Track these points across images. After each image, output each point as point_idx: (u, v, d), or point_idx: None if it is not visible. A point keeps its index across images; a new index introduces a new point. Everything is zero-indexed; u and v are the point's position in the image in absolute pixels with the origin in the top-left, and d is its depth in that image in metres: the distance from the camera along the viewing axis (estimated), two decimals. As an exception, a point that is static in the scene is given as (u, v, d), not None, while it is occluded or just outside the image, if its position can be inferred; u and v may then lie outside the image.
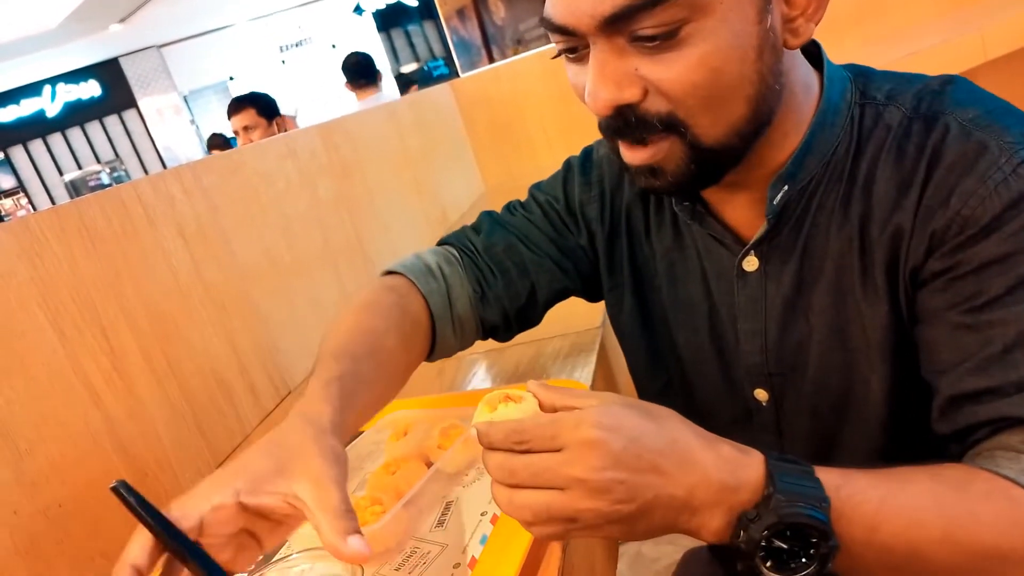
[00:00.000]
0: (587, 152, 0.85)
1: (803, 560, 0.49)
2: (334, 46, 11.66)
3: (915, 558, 0.51)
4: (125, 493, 0.50)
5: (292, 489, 0.51)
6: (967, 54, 2.02)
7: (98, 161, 10.94)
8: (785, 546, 0.49)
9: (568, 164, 0.86)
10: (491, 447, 0.51)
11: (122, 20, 9.27)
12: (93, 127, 11.21)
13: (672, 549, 0.99)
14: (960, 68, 2.01)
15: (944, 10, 2.54)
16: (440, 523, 0.69)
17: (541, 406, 0.55)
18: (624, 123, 0.59)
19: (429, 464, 0.74)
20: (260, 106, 2.93)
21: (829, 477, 0.50)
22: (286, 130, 2.91)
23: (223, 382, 1.05)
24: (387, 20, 9.30)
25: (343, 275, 1.44)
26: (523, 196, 0.89)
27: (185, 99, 11.90)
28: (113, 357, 0.87)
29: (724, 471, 0.50)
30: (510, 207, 0.87)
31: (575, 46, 0.60)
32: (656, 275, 0.79)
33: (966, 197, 0.56)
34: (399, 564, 0.65)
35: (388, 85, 10.16)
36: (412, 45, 9.58)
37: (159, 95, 11.41)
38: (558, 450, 0.49)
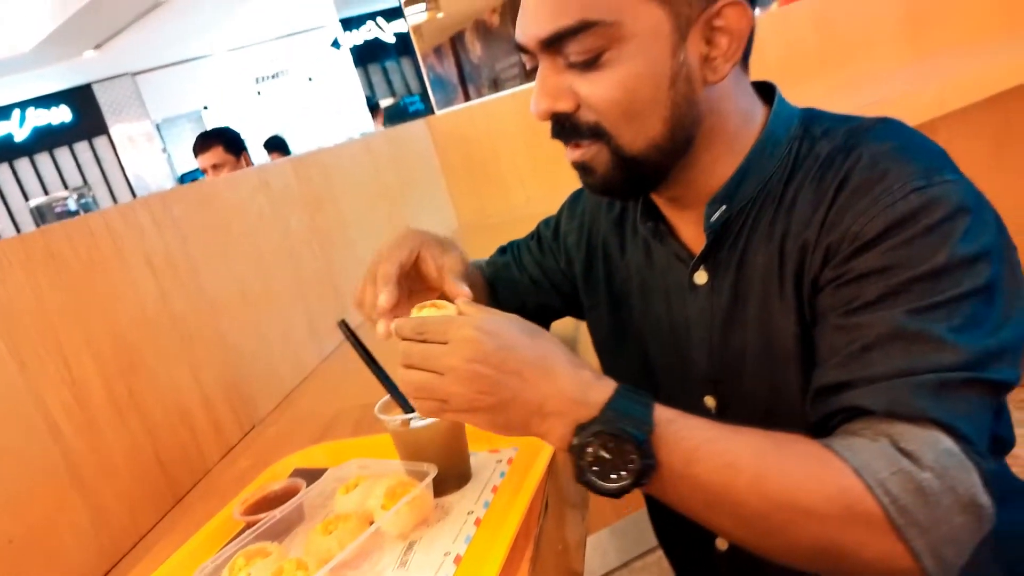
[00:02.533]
0: (579, 191, 0.97)
1: (623, 473, 0.57)
2: (311, 79, 11.72)
3: (726, 498, 0.57)
4: (346, 329, 0.78)
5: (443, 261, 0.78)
6: (926, 105, 2.10)
7: (66, 188, 10.80)
8: (608, 456, 0.57)
9: (566, 201, 1.00)
10: (399, 336, 0.64)
11: (97, 47, 9.23)
12: (62, 153, 11.08)
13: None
14: (919, 119, 2.08)
15: (906, 62, 2.64)
16: (402, 563, 0.68)
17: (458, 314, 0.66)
18: (560, 128, 0.71)
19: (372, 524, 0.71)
20: (227, 142, 2.88)
21: (665, 412, 0.59)
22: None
23: (186, 415, 1.04)
24: (364, 55, 9.38)
25: (312, 308, 1.44)
26: (496, 232, 1.07)
27: (158, 127, 11.83)
28: (75, 388, 0.85)
29: (577, 389, 0.60)
30: (526, 236, 1.06)
31: (535, 65, 0.70)
32: (631, 294, 0.87)
33: (858, 215, 0.62)
34: (361, 605, 0.64)
35: (366, 120, 10.21)
36: (389, 80, 9.67)
37: (131, 122, 11.34)
38: (445, 343, 0.61)
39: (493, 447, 0.86)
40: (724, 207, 0.72)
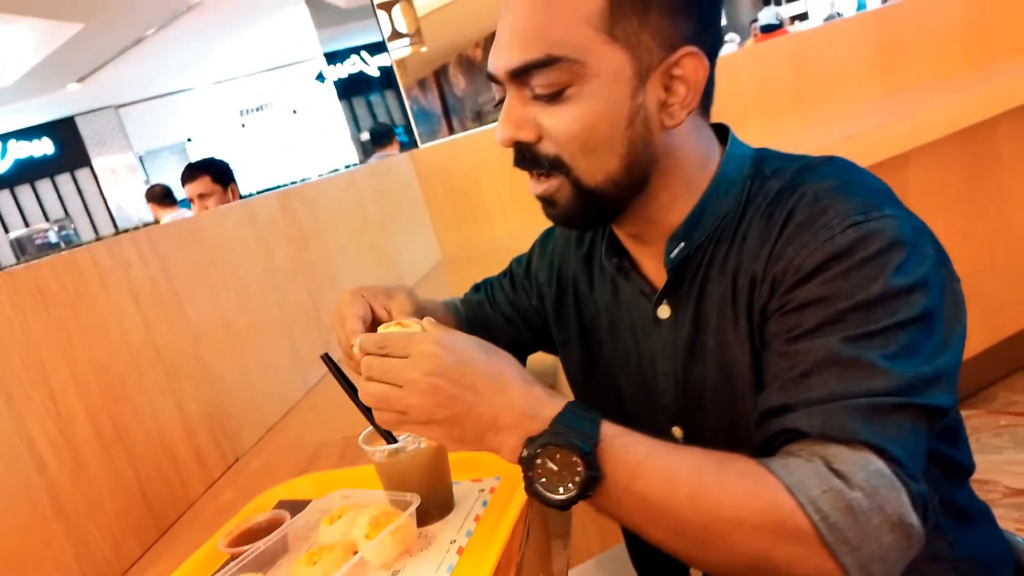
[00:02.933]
0: (550, 230, 1.01)
1: (569, 485, 0.60)
2: (295, 111, 11.78)
3: (667, 512, 0.60)
4: (329, 362, 0.81)
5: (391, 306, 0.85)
6: (898, 139, 2.15)
7: (47, 220, 10.74)
8: (556, 468, 0.60)
9: (537, 240, 1.04)
10: (363, 350, 0.67)
11: (81, 79, 9.25)
12: (44, 185, 11.03)
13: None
14: (891, 152, 2.14)
15: (878, 97, 2.71)
16: (388, 593, 0.69)
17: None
18: (522, 157, 0.75)
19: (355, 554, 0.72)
20: (214, 172, 2.90)
21: (611, 428, 0.62)
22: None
23: (170, 448, 1.04)
24: (348, 88, 9.44)
25: (296, 340, 1.45)
26: (479, 264, 1.14)
27: (141, 159, 11.81)
28: (60, 421, 0.86)
29: (528, 404, 0.63)
30: (499, 274, 1.09)
31: (503, 96, 0.74)
32: (600, 329, 0.90)
33: (800, 248, 0.66)
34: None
35: (350, 151, 10.24)
36: (373, 113, 9.73)
37: (114, 154, 11.32)
38: (406, 357, 0.64)
39: (475, 477, 0.87)
40: (683, 244, 0.76)
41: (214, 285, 1.24)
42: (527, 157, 0.74)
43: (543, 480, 0.61)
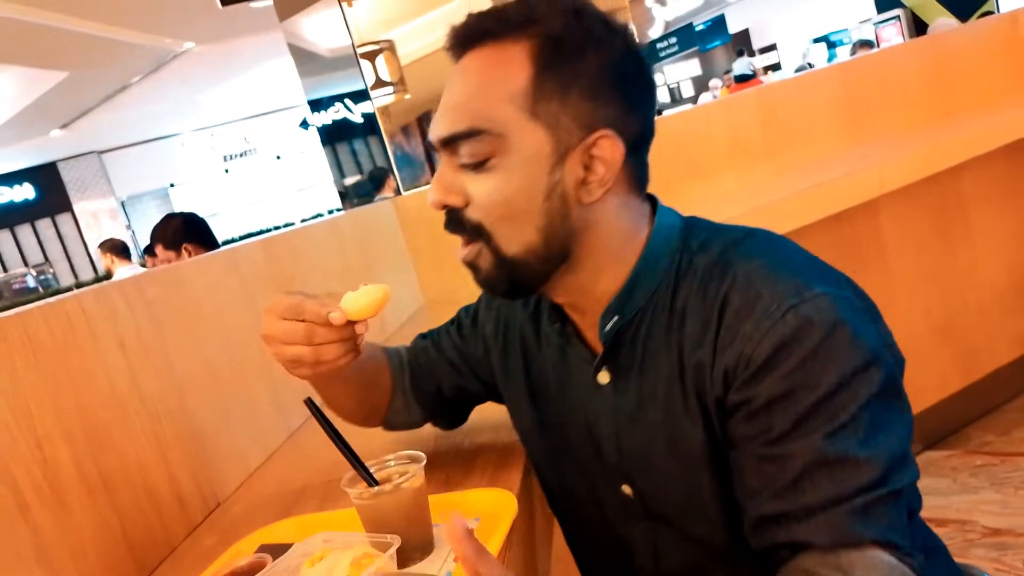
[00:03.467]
0: None
1: None
2: (279, 157, 11.86)
3: None
4: (312, 407, 0.85)
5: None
6: (866, 187, 2.23)
7: (26, 264, 10.66)
8: None
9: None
10: None
11: (64, 126, 9.29)
12: (23, 230, 10.99)
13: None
14: (860, 199, 2.21)
15: (847, 146, 2.80)
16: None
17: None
18: (450, 220, 0.79)
19: None
20: (165, 240, 2.87)
21: None
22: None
23: (152, 493, 1.05)
24: (332, 134, 9.52)
25: (279, 385, 1.46)
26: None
27: (123, 204, 11.81)
28: (46, 468, 0.87)
29: None
30: (451, 320, 1.09)
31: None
32: (548, 386, 0.92)
33: (746, 339, 0.68)
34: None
35: (332, 197, 10.27)
36: (357, 160, 9.82)
37: (96, 199, 11.32)
38: None
39: (455, 519, 0.89)
40: (616, 317, 0.79)
41: (198, 332, 1.26)
42: (454, 221, 0.78)
43: None
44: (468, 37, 0.76)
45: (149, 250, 5.17)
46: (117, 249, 5.24)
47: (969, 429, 2.67)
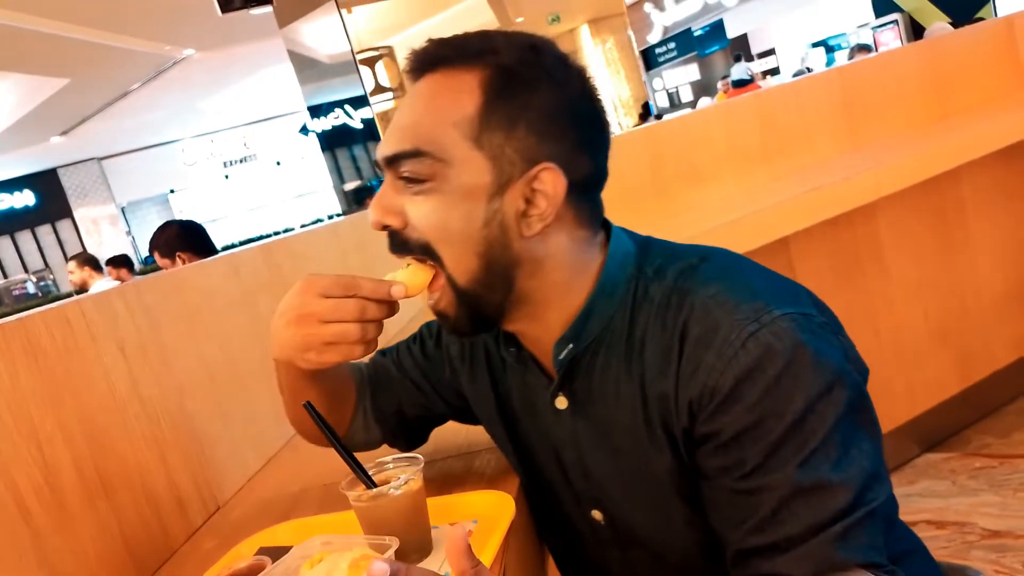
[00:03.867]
0: None
1: None
2: (279, 163, 11.88)
3: None
4: (312, 410, 0.83)
5: None
6: (864, 190, 2.23)
7: (26, 271, 10.67)
8: None
9: None
10: None
11: (64, 133, 9.31)
12: (23, 236, 10.99)
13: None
14: (857, 203, 2.22)
15: (844, 150, 2.81)
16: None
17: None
18: (393, 242, 0.78)
19: None
20: (160, 247, 2.92)
21: None
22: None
23: (152, 497, 1.05)
24: (331, 140, 9.54)
25: (278, 390, 1.46)
26: None
27: (123, 210, 11.82)
28: (46, 471, 0.87)
29: None
30: (412, 337, 1.05)
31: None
32: (516, 407, 0.91)
33: (708, 370, 0.68)
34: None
35: (332, 202, 10.27)
36: (357, 165, 9.83)
37: (96, 206, 11.33)
38: None
39: (453, 521, 0.89)
40: (571, 346, 0.78)
41: (198, 336, 1.27)
42: (397, 243, 0.77)
43: None
44: (425, 61, 0.76)
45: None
46: (91, 262, 5.26)
47: (968, 432, 2.67)
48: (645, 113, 7.82)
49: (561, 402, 0.83)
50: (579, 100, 0.76)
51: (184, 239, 2.94)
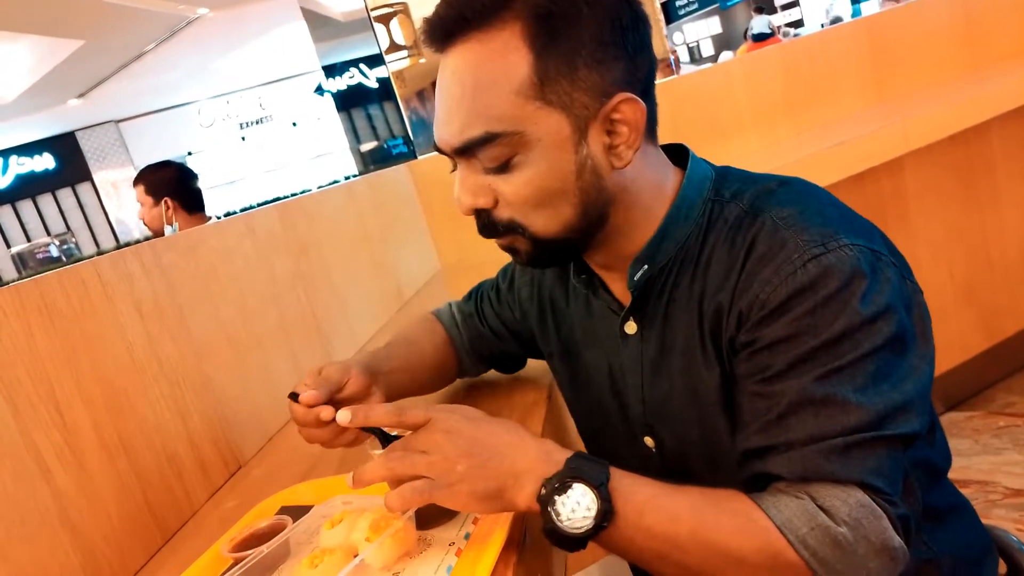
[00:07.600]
0: None
1: (584, 517, 0.63)
2: (295, 124, 11.83)
3: (673, 548, 0.64)
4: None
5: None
6: (890, 145, 2.18)
7: (48, 234, 10.77)
8: (571, 503, 0.64)
9: None
10: (366, 421, 0.75)
11: (81, 95, 9.31)
12: (45, 199, 11.08)
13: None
14: (884, 157, 2.16)
15: (870, 103, 2.73)
16: (387, 594, 0.71)
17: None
18: (482, 225, 0.78)
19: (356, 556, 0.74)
20: (148, 184, 2.73)
21: (616, 471, 0.67)
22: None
23: (173, 458, 1.06)
24: (347, 100, 9.49)
25: (297, 350, 1.47)
26: (477, 273, 1.18)
27: (142, 173, 11.81)
28: (66, 432, 0.87)
29: (542, 451, 0.68)
30: (490, 282, 1.15)
31: (455, 162, 0.77)
32: (577, 342, 0.93)
33: (763, 284, 0.67)
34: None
35: (349, 163, 10.26)
36: (372, 125, 9.77)
37: (115, 169, 11.37)
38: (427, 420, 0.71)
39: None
40: (646, 267, 0.79)
41: (215, 297, 1.26)
42: (487, 224, 0.77)
43: (560, 517, 0.64)
44: (449, 29, 0.71)
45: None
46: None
47: (992, 390, 2.64)
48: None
49: (631, 327, 0.83)
50: (618, 8, 0.71)
51: (180, 186, 2.74)
